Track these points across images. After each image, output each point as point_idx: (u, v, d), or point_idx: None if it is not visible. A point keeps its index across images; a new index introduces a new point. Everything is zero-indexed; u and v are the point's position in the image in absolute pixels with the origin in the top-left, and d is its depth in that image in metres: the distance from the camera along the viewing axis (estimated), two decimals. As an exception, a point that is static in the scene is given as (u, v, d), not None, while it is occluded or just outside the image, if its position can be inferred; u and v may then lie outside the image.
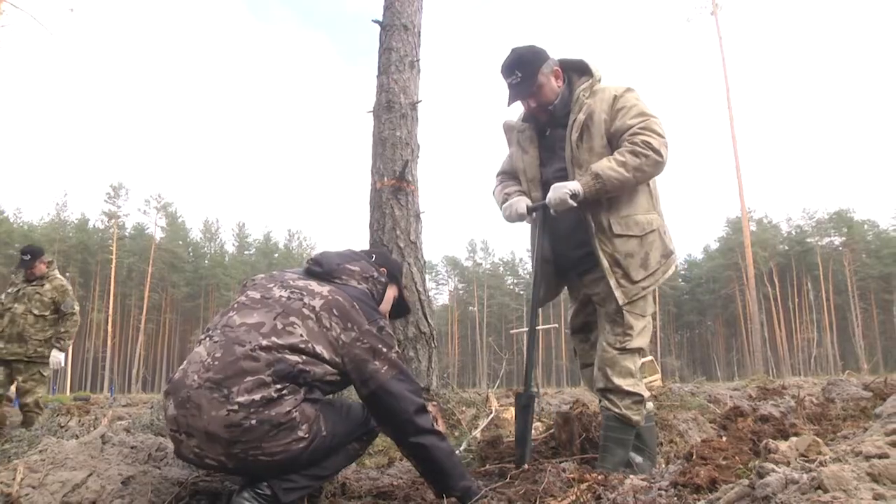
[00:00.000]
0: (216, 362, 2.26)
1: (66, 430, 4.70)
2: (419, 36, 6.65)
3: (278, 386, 2.23)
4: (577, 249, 3.28)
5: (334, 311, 2.43)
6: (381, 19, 6.62)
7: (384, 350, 2.44)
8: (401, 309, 3.07)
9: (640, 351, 3.22)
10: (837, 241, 79.75)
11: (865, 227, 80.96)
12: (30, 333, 7.15)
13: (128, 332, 76.50)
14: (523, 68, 3.15)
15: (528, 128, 3.40)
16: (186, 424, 2.23)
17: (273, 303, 2.44)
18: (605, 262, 3.12)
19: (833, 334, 71.96)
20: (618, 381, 3.13)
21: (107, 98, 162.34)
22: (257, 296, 2.50)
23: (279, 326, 2.35)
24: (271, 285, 2.54)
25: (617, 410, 3.13)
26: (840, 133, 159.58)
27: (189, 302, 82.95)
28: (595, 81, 3.22)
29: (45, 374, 7.27)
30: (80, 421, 6.47)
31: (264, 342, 2.29)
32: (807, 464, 1.62)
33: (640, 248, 3.14)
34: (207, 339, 2.40)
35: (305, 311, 2.40)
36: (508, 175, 3.57)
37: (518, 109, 3.45)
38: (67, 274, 67.92)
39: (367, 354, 2.41)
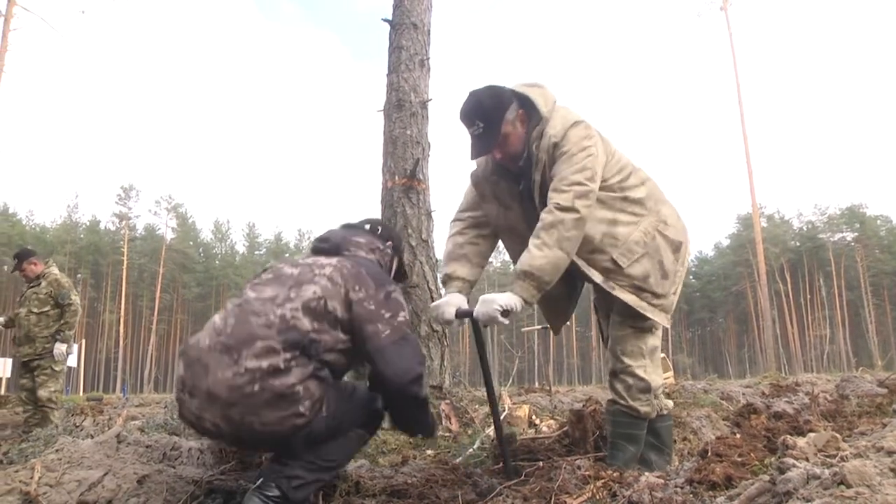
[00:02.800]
0: (229, 328, 2.31)
1: (81, 430, 4.73)
2: (429, 34, 6.64)
3: (287, 355, 2.24)
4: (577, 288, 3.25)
5: (345, 272, 2.49)
6: (390, 18, 6.62)
7: (387, 315, 2.45)
8: (400, 276, 3.09)
9: (654, 330, 3.11)
10: (850, 236, 79.24)
11: (878, 222, 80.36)
12: (35, 332, 7.34)
13: (139, 333, 76.92)
14: (485, 117, 2.84)
15: (500, 180, 3.09)
16: (192, 384, 2.25)
17: (286, 278, 2.49)
18: (631, 298, 2.95)
19: (846, 331, 71.48)
20: (628, 360, 3.05)
21: (117, 99, 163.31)
22: (270, 276, 2.56)
23: (293, 295, 2.39)
24: (282, 265, 2.61)
25: (624, 403, 3.05)
26: (852, 128, 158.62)
27: (200, 302, 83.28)
28: (545, 122, 2.89)
29: (56, 368, 7.37)
30: (94, 421, 6.53)
31: (279, 311, 2.33)
32: (827, 459, 1.61)
33: (651, 263, 2.98)
34: (223, 310, 2.45)
35: (317, 277, 2.46)
36: (476, 219, 3.23)
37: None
38: (79, 275, 68.42)
39: (371, 315, 2.43)
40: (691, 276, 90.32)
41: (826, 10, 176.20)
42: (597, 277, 2.97)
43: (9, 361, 18.88)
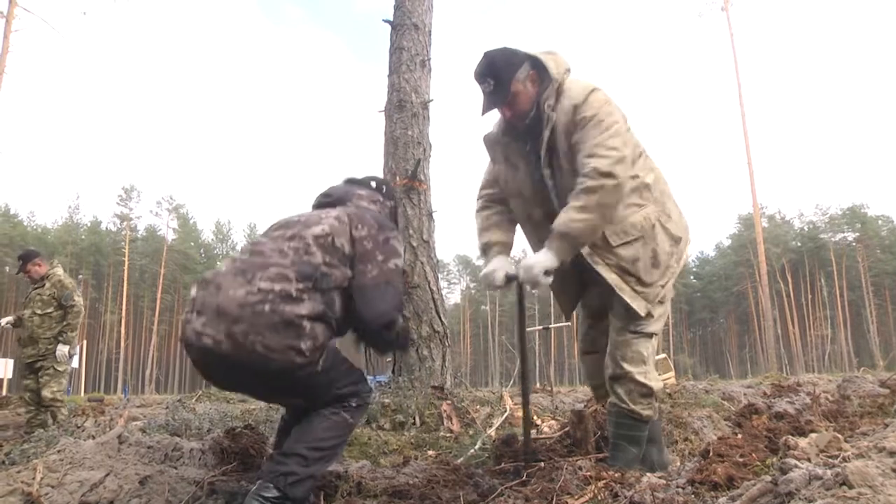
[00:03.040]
0: (245, 256, 2.47)
1: (82, 431, 4.73)
2: (430, 35, 6.65)
3: (300, 285, 2.34)
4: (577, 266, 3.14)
5: (349, 212, 2.62)
6: (391, 19, 6.62)
7: (379, 258, 2.55)
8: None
9: (654, 336, 3.08)
10: (851, 236, 79.24)
11: (879, 222, 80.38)
12: (38, 334, 7.35)
13: (141, 334, 76.99)
14: (496, 75, 2.94)
15: (511, 141, 3.16)
16: (202, 303, 2.33)
17: (294, 223, 2.59)
18: (612, 277, 2.96)
19: (847, 331, 71.47)
20: (628, 367, 3.01)
21: (119, 100, 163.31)
22: (279, 225, 2.64)
23: (303, 233, 2.50)
24: (289, 217, 2.70)
25: (626, 407, 3.02)
26: (853, 128, 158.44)
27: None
28: (557, 84, 2.96)
29: (59, 368, 7.37)
30: (96, 421, 6.54)
31: (292, 244, 2.46)
32: (829, 460, 1.60)
33: (644, 249, 2.97)
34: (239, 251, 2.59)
35: (324, 219, 2.57)
36: (493, 195, 3.33)
37: (494, 116, 3.23)
38: (80, 276, 68.49)
39: (365, 254, 2.53)
40: (692, 277, 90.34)
41: (827, 11, 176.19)
42: (583, 248, 2.96)
43: (10, 362, 18.88)
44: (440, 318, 5.87)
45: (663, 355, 11.11)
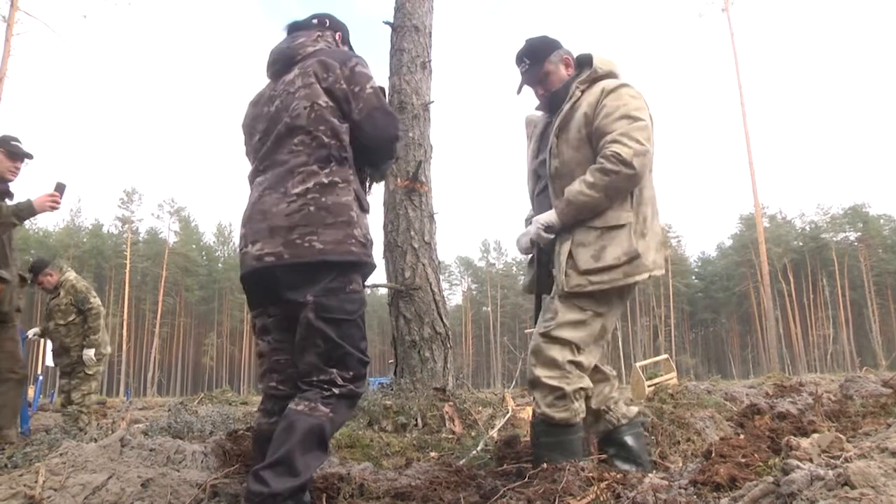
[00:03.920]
0: (264, 177, 2.50)
1: (84, 434, 4.74)
2: (430, 37, 6.65)
3: (326, 170, 2.42)
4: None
5: (308, 69, 2.55)
6: (392, 21, 6.63)
7: (356, 89, 2.55)
8: None
9: (571, 345, 2.92)
10: (853, 236, 79.15)
11: (881, 221, 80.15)
12: (67, 343, 7.38)
13: (142, 337, 77.00)
14: (532, 56, 3.19)
15: (540, 122, 3.36)
16: (253, 232, 2.41)
17: (276, 117, 2.55)
18: (557, 248, 3.01)
19: (849, 330, 71.36)
20: (538, 371, 2.93)
21: (120, 103, 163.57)
22: (264, 126, 2.60)
23: (294, 122, 2.48)
24: (265, 114, 2.63)
25: (538, 410, 2.94)
26: (854, 127, 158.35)
27: (203, 305, 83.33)
28: (595, 74, 3.10)
29: (88, 372, 7.40)
30: (98, 424, 6.54)
31: (295, 139, 2.46)
32: (832, 460, 1.60)
33: (596, 241, 2.93)
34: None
35: (295, 91, 2.53)
36: None
37: (530, 98, 3.39)
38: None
39: (344, 94, 2.53)
40: (694, 277, 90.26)
41: (827, 11, 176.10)
42: (551, 216, 3.03)
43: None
44: (442, 319, 5.87)
45: (665, 356, 11.08)
